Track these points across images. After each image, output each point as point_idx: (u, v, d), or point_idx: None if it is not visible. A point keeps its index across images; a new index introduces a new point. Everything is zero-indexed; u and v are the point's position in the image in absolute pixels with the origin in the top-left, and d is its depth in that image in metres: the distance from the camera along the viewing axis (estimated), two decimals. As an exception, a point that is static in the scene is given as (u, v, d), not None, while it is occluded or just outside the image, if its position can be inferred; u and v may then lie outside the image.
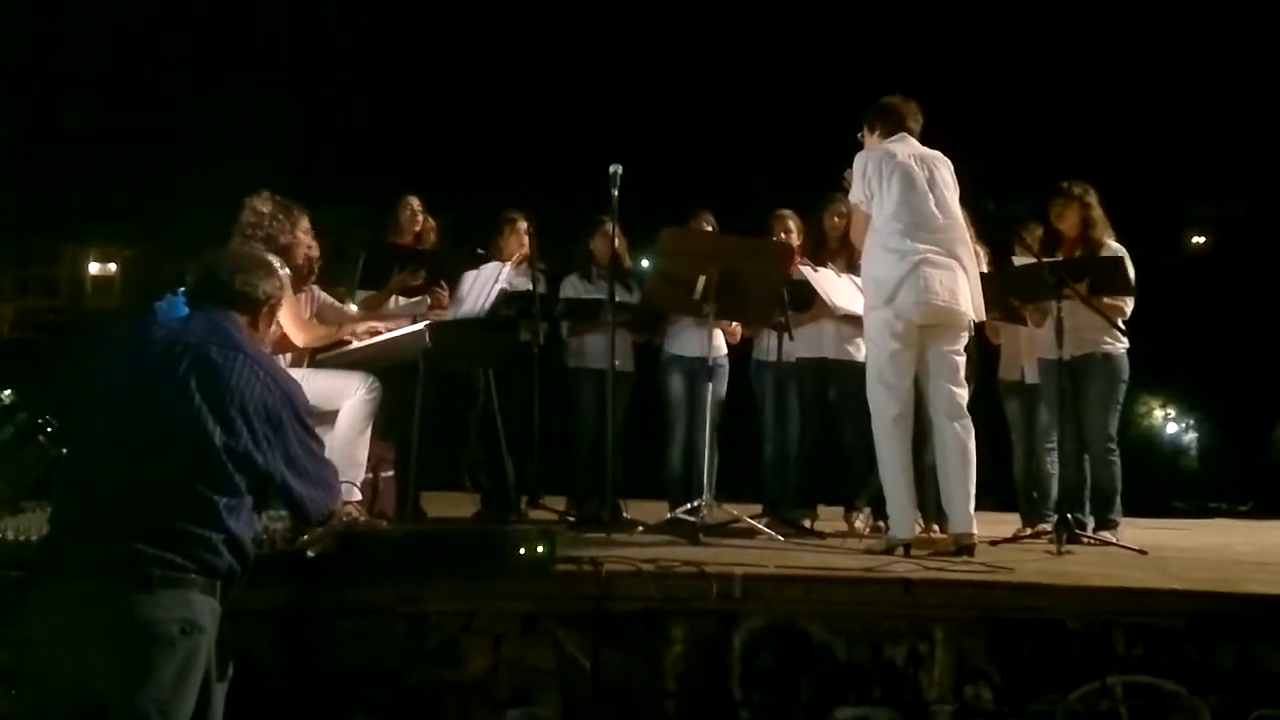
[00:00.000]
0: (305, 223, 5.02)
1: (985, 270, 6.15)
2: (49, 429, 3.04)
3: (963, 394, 5.13)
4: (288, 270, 4.93)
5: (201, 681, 2.77)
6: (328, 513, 3.14)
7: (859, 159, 5.21)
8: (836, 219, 6.37)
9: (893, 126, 5.26)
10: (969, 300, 5.12)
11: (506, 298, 6.11)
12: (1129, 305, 5.96)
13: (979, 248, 6.16)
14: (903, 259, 5.00)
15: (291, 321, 4.95)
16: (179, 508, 2.77)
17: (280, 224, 4.89)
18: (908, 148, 5.20)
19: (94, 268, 31.43)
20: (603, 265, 6.53)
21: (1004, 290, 6.12)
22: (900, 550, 4.85)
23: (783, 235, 6.45)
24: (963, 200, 5.36)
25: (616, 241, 6.14)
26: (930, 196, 5.09)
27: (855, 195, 5.21)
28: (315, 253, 5.47)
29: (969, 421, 5.09)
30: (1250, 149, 28.32)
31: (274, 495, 2.99)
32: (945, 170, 5.21)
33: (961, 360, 5.16)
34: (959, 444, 5.04)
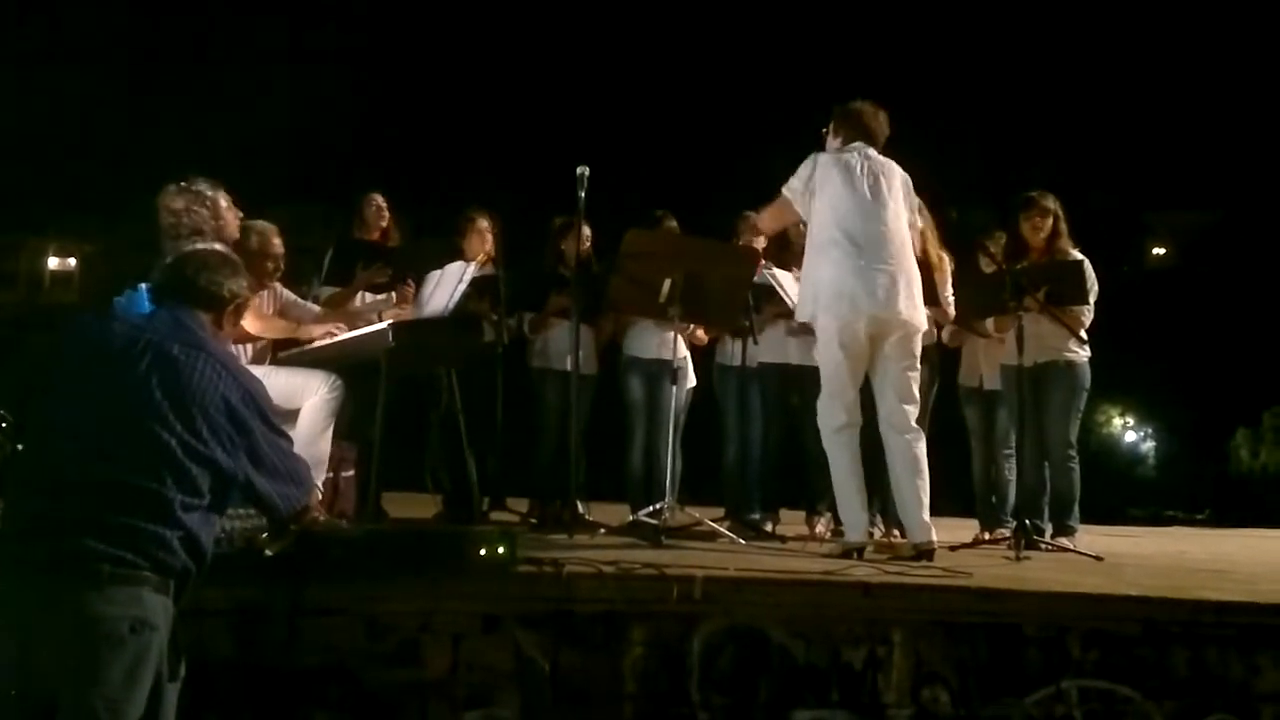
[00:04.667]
0: (223, 198, 4.70)
1: (951, 279, 6.22)
2: (4, 423, 3.00)
3: (911, 409, 5.12)
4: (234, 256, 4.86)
5: (153, 681, 2.73)
6: (301, 508, 3.10)
7: (807, 162, 5.20)
8: (803, 225, 6.36)
9: (852, 134, 5.26)
10: (915, 311, 5.12)
11: (474, 286, 6.08)
12: (1088, 315, 6.01)
13: (944, 254, 6.21)
14: (847, 270, 5.01)
15: (249, 315, 4.90)
16: (134, 505, 2.73)
17: (199, 214, 4.59)
18: (860, 157, 5.18)
19: (53, 262, 31.06)
20: (569, 266, 6.52)
21: (964, 302, 6.17)
22: (855, 554, 4.87)
23: (751, 236, 6.45)
24: (931, 208, 5.36)
25: (584, 244, 6.14)
26: (874, 205, 5.09)
27: (790, 188, 5.20)
28: (279, 250, 5.43)
29: (918, 433, 5.11)
30: (1211, 160, 28.66)
31: (241, 494, 2.96)
32: (897, 181, 5.21)
33: (913, 375, 5.15)
34: (907, 456, 5.06)
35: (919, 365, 5.22)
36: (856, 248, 5.02)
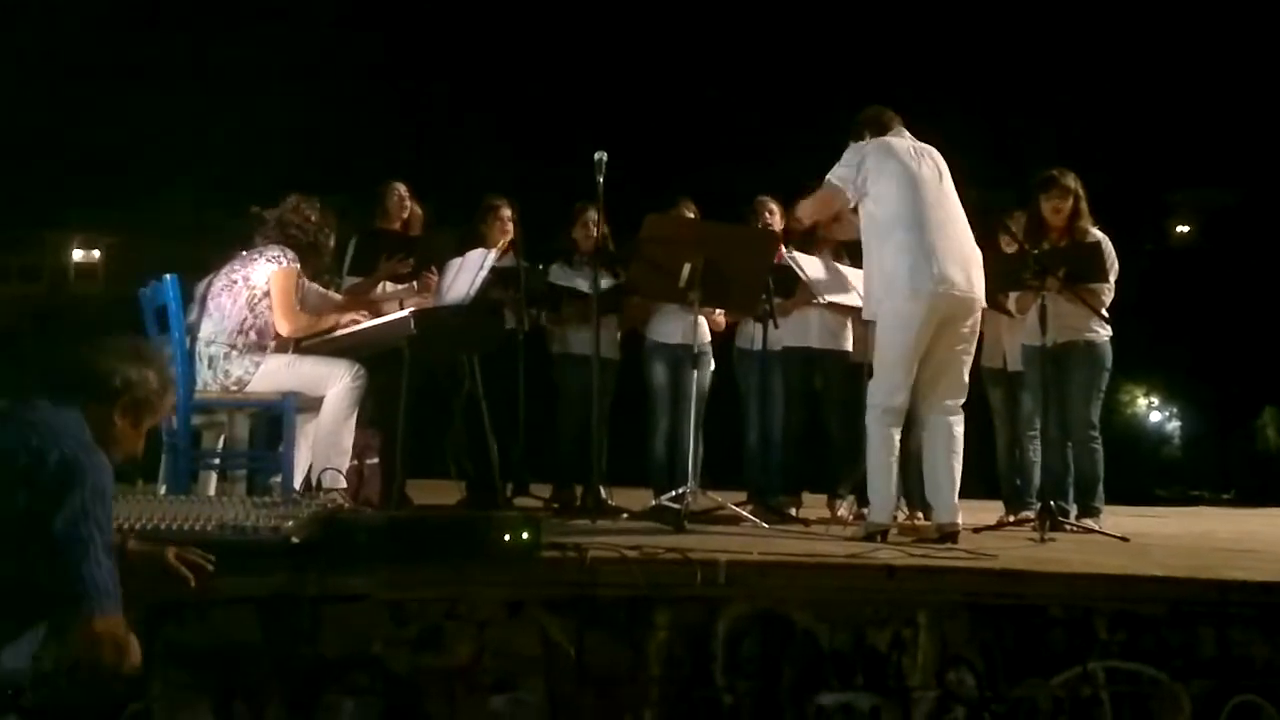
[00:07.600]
0: (333, 240, 5.30)
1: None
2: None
3: (962, 389, 5.11)
4: (297, 265, 4.99)
5: None
6: (89, 617, 2.63)
7: (855, 148, 5.13)
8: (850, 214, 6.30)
9: (882, 128, 5.21)
10: (978, 291, 5.07)
11: (494, 277, 6.08)
12: (1108, 294, 5.98)
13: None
14: (915, 252, 4.92)
15: (281, 310, 4.95)
16: None
17: (323, 235, 5.17)
18: (904, 141, 5.16)
19: (77, 254, 31.23)
20: (587, 252, 6.53)
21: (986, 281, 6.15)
22: (879, 537, 4.86)
23: (765, 220, 6.44)
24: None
25: (600, 229, 6.13)
26: (934, 185, 5.05)
27: (838, 175, 5.09)
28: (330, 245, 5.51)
29: (961, 414, 5.08)
30: (1235, 139, 28.41)
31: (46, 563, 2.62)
32: (941, 162, 5.17)
33: (968, 357, 5.12)
34: (949, 435, 5.02)
35: (973, 347, 5.19)
36: (921, 228, 4.94)
